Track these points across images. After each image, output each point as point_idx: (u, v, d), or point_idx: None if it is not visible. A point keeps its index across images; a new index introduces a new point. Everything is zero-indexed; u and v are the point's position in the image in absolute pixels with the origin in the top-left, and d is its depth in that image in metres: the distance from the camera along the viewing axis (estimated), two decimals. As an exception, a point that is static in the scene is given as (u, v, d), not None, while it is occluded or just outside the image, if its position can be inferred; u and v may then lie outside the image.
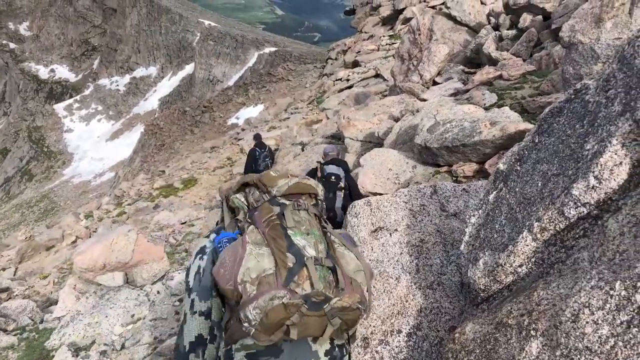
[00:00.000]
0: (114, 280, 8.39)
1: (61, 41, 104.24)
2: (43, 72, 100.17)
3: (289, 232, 1.77)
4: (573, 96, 1.98)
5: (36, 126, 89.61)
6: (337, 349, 1.75)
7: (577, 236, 1.76)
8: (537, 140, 2.12)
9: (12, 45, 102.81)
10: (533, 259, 1.91)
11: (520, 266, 1.95)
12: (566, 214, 1.76)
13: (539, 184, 1.95)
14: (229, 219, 2.06)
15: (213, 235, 2.01)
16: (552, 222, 1.81)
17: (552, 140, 1.99)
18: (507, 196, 2.15)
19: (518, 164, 2.19)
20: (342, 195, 5.67)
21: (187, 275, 1.98)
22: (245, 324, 1.61)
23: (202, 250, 1.99)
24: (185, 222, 14.82)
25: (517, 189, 2.11)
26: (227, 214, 2.08)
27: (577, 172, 1.73)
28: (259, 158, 12.28)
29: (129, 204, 23.71)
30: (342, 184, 5.74)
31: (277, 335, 1.61)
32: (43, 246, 18.03)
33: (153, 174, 34.31)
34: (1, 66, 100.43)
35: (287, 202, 1.90)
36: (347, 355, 1.81)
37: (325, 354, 1.71)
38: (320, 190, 2.05)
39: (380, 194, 7.79)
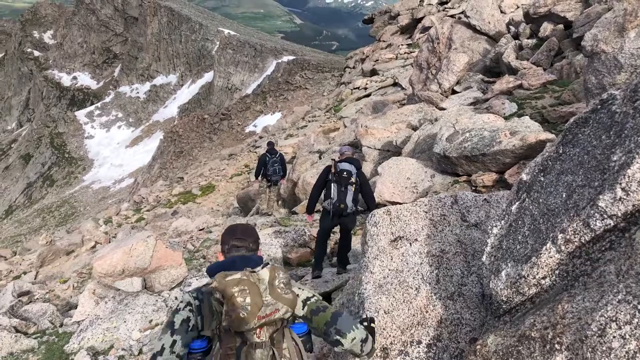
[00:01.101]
0: (133, 285, 8.46)
1: (84, 49, 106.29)
2: (66, 80, 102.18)
3: None
4: (599, 106, 1.95)
5: (58, 132, 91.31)
6: None
7: (603, 249, 1.73)
8: (561, 151, 2.09)
9: (36, 53, 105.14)
10: (557, 271, 1.88)
11: (543, 278, 1.92)
12: (592, 226, 1.73)
13: (564, 195, 1.93)
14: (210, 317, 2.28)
15: (179, 336, 2.23)
16: (577, 234, 1.79)
17: (577, 151, 1.96)
18: (530, 207, 2.13)
19: (542, 174, 2.16)
20: (353, 190, 6.15)
21: (173, 315, 2.26)
22: None
23: (189, 304, 2.30)
24: (203, 229, 14.91)
25: (540, 200, 2.08)
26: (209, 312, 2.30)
27: (604, 183, 1.71)
28: (268, 163, 12.66)
29: (147, 210, 23.98)
30: (353, 180, 6.13)
31: None
32: (63, 251, 18.30)
33: (172, 181, 34.65)
34: (26, 74, 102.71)
35: (247, 339, 2.20)
36: None
37: None
38: (289, 306, 2.26)
39: (398, 203, 7.77)
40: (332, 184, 6.24)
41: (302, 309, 2.37)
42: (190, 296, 2.32)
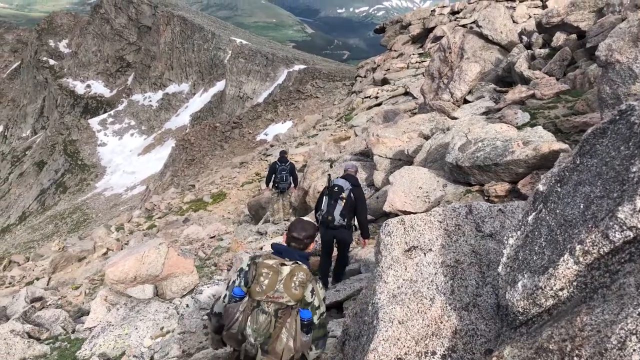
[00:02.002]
0: (144, 292, 8.50)
1: (98, 58, 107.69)
2: (80, 88, 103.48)
3: (248, 322, 3.13)
4: (618, 117, 1.94)
5: (71, 140, 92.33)
6: None
7: (622, 261, 1.71)
8: (578, 162, 2.08)
9: (51, 62, 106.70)
10: (575, 283, 1.87)
11: (561, 290, 1.91)
12: (611, 238, 1.72)
13: (581, 206, 1.92)
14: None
15: (238, 280, 3.33)
16: (596, 245, 1.77)
17: (595, 162, 1.95)
18: (547, 218, 2.11)
19: (558, 185, 2.15)
20: (342, 204, 6.52)
21: (232, 280, 3.38)
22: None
23: (240, 270, 3.36)
24: (214, 236, 14.97)
25: (557, 211, 2.07)
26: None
27: (623, 194, 1.70)
28: (277, 171, 13.01)
29: (159, 217, 24.11)
30: (343, 195, 6.53)
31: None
32: (75, 257, 18.45)
33: (183, 188, 34.84)
34: (41, 82, 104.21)
35: (259, 304, 3.15)
36: None
37: None
38: (294, 298, 3.15)
39: (410, 212, 7.75)
40: (324, 197, 6.74)
41: (311, 309, 3.20)
42: (245, 263, 3.34)
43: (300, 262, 3.26)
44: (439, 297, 2.63)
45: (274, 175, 13.12)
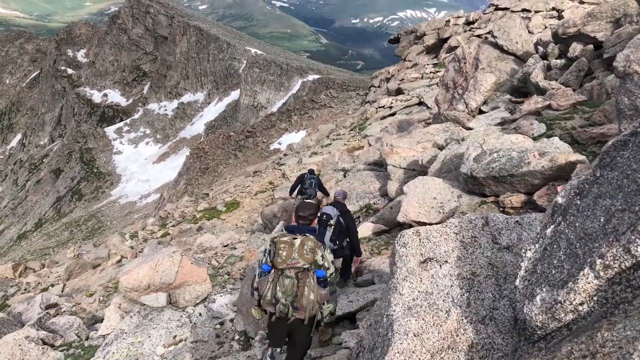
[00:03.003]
0: (158, 300, 8.53)
1: (114, 67, 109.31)
2: (97, 97, 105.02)
3: (277, 287, 4.05)
4: (639, 129, 1.91)
5: (88, 148, 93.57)
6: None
7: (645, 275, 1.68)
8: (598, 174, 2.05)
9: (69, 71, 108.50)
10: (595, 298, 1.83)
11: (581, 304, 1.87)
12: (632, 252, 1.68)
13: (602, 220, 1.88)
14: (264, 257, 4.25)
15: (264, 258, 4.21)
16: (617, 259, 1.74)
17: (616, 174, 1.92)
18: (566, 231, 2.08)
19: (578, 197, 2.12)
20: (331, 231, 7.01)
21: (260, 259, 4.27)
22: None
23: (265, 250, 4.23)
24: (227, 245, 14.99)
25: (577, 224, 2.04)
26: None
27: (645, 208, 1.66)
28: (305, 180, 13.07)
29: (173, 226, 24.24)
30: (331, 222, 7.05)
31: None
32: (90, 264, 18.60)
33: (197, 197, 35.02)
34: (59, 91, 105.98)
35: (282, 272, 4.04)
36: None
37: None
38: (308, 261, 4.04)
39: (424, 223, 7.70)
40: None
41: (323, 269, 4.09)
42: (267, 244, 4.18)
43: (307, 234, 4.17)
44: (454, 310, 2.59)
45: (300, 185, 13.19)
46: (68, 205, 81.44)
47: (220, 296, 8.53)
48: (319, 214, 6.79)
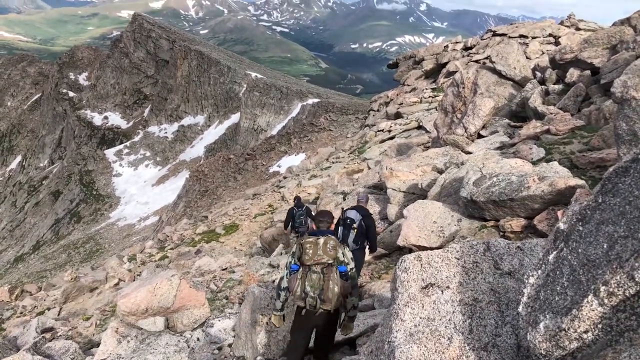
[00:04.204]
0: (155, 325, 8.43)
1: (115, 90, 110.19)
2: (97, 119, 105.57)
3: (306, 282, 4.56)
4: (640, 156, 1.92)
5: (87, 170, 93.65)
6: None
7: (649, 303, 1.67)
8: (600, 200, 2.05)
9: (71, 94, 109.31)
10: (600, 325, 1.81)
11: (585, 332, 1.85)
12: (637, 279, 1.68)
13: (605, 246, 1.88)
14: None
15: (292, 259, 4.81)
16: (621, 287, 1.73)
17: (618, 201, 1.92)
18: (569, 257, 2.07)
19: (580, 224, 2.12)
20: (355, 233, 7.80)
21: (288, 261, 4.87)
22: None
23: (292, 252, 4.84)
24: (226, 269, 14.89)
25: (579, 250, 2.03)
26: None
27: (648, 235, 1.66)
28: (295, 216, 14.17)
29: (171, 249, 24.12)
30: (355, 225, 7.82)
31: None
32: (87, 287, 18.44)
33: (196, 219, 34.93)
34: (60, 113, 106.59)
35: (310, 268, 4.59)
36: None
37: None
38: (331, 257, 4.61)
39: (424, 247, 7.66)
40: (340, 227, 7.88)
41: (344, 265, 4.67)
42: (294, 247, 4.78)
43: (329, 235, 4.78)
44: (457, 337, 2.57)
45: (292, 220, 14.20)
46: (66, 227, 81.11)
47: (219, 320, 8.44)
48: (344, 218, 7.94)
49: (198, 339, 7.75)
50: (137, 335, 8.04)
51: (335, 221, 8.29)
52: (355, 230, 7.78)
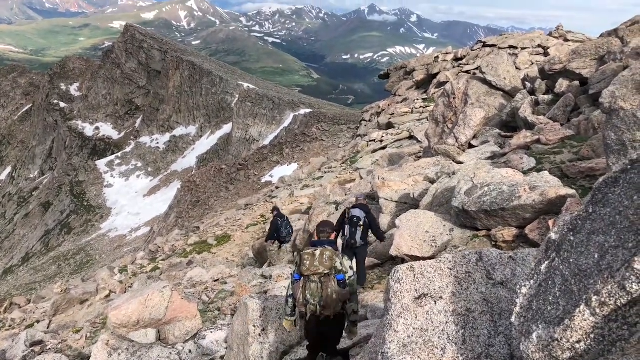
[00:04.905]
0: (147, 337, 8.34)
1: (107, 101, 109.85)
2: (88, 130, 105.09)
3: (306, 291, 4.78)
4: (629, 167, 1.94)
5: (78, 181, 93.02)
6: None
7: (640, 313, 1.68)
8: (591, 210, 2.07)
9: (62, 105, 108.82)
10: (592, 335, 1.82)
11: (578, 342, 1.86)
12: (628, 289, 1.69)
13: (596, 256, 1.89)
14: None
15: (293, 270, 5.09)
16: (613, 296, 1.74)
17: (608, 211, 1.94)
18: (561, 267, 2.09)
19: (571, 234, 2.13)
20: (361, 230, 8.46)
21: (293, 271, 5.13)
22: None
23: (294, 263, 5.10)
24: (218, 280, 14.78)
25: (571, 260, 2.05)
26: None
27: (638, 245, 1.68)
28: (282, 226, 14.33)
29: (162, 260, 23.95)
30: (361, 223, 8.46)
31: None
32: (77, 299, 18.23)
33: (187, 230, 34.75)
34: (51, 124, 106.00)
35: (309, 278, 4.81)
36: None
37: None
38: (327, 268, 4.83)
39: (417, 257, 7.66)
40: (346, 226, 8.55)
41: (342, 273, 4.86)
42: (296, 258, 5.03)
43: (326, 246, 4.99)
44: (450, 347, 2.57)
45: (277, 233, 14.34)
46: (57, 239, 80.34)
47: (211, 332, 8.38)
48: (349, 216, 8.56)
49: (190, 351, 7.69)
50: (128, 347, 7.96)
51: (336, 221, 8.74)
52: (362, 227, 8.43)
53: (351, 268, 5.03)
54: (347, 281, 4.91)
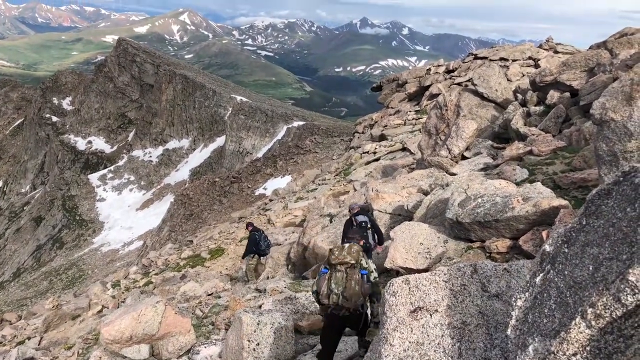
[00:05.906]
0: (140, 353, 8.26)
1: (100, 114, 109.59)
2: (81, 144, 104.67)
3: (332, 280, 5.22)
4: (621, 179, 1.96)
5: (70, 195, 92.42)
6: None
7: (636, 325, 1.68)
8: (584, 222, 2.08)
9: (54, 119, 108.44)
10: (588, 348, 1.82)
11: (574, 355, 1.85)
12: (623, 301, 1.69)
13: (590, 268, 1.90)
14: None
15: (322, 266, 5.54)
16: (608, 308, 1.74)
17: (602, 223, 1.95)
18: (556, 279, 2.09)
19: (565, 246, 2.14)
20: (370, 233, 8.94)
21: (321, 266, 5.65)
22: None
23: (324, 259, 5.63)
24: (211, 294, 14.65)
25: (565, 272, 2.05)
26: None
27: (632, 256, 1.68)
28: (260, 239, 14.65)
29: (156, 274, 23.76)
30: (369, 226, 8.97)
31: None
32: (69, 315, 18.02)
33: (181, 244, 34.55)
34: (43, 138, 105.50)
35: (334, 268, 5.25)
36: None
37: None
38: (354, 259, 5.26)
39: (412, 269, 7.64)
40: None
41: (366, 270, 5.34)
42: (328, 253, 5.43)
43: (354, 242, 5.54)
44: (446, 361, 2.55)
45: (256, 247, 14.57)
46: (48, 254, 79.57)
47: (205, 347, 8.28)
48: (358, 223, 9.00)
49: (184, 367, 7.60)
50: (121, 364, 7.86)
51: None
52: (370, 230, 8.97)
53: (375, 270, 5.54)
54: (372, 280, 5.35)
